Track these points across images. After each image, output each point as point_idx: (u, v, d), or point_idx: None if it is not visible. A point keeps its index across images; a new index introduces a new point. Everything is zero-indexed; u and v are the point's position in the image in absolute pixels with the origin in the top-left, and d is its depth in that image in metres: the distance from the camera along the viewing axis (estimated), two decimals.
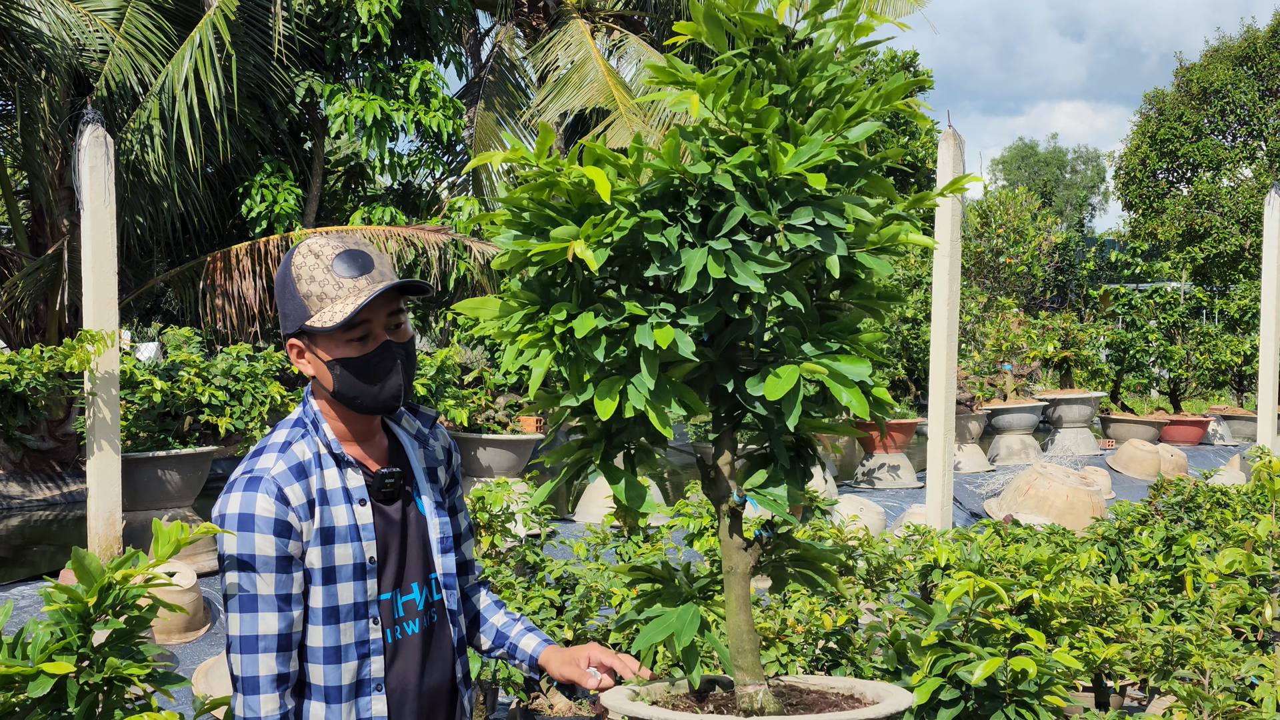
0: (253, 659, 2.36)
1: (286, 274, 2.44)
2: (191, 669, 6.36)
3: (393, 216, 14.33)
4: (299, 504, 2.38)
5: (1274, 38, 30.81)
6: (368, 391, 2.44)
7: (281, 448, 2.44)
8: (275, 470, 2.39)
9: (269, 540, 2.35)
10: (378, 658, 2.46)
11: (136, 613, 2.52)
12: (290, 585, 2.38)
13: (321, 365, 2.45)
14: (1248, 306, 17.33)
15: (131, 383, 7.65)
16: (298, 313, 2.42)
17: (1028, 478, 10.53)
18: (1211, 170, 31.14)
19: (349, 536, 2.43)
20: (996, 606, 3.81)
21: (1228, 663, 4.05)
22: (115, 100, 13.25)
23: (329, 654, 2.41)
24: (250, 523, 2.34)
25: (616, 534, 6.33)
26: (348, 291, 2.39)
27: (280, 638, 2.37)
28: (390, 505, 2.53)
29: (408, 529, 2.54)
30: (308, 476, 2.41)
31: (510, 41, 19.28)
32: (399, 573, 2.52)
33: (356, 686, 2.44)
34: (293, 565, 2.38)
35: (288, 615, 2.37)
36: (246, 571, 2.35)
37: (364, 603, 2.44)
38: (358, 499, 2.46)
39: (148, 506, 7.59)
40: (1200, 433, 15.43)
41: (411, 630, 2.53)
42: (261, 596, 2.35)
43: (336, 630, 2.42)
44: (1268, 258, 11.85)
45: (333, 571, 2.41)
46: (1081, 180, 59.51)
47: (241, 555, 2.35)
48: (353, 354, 2.42)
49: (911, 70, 26.05)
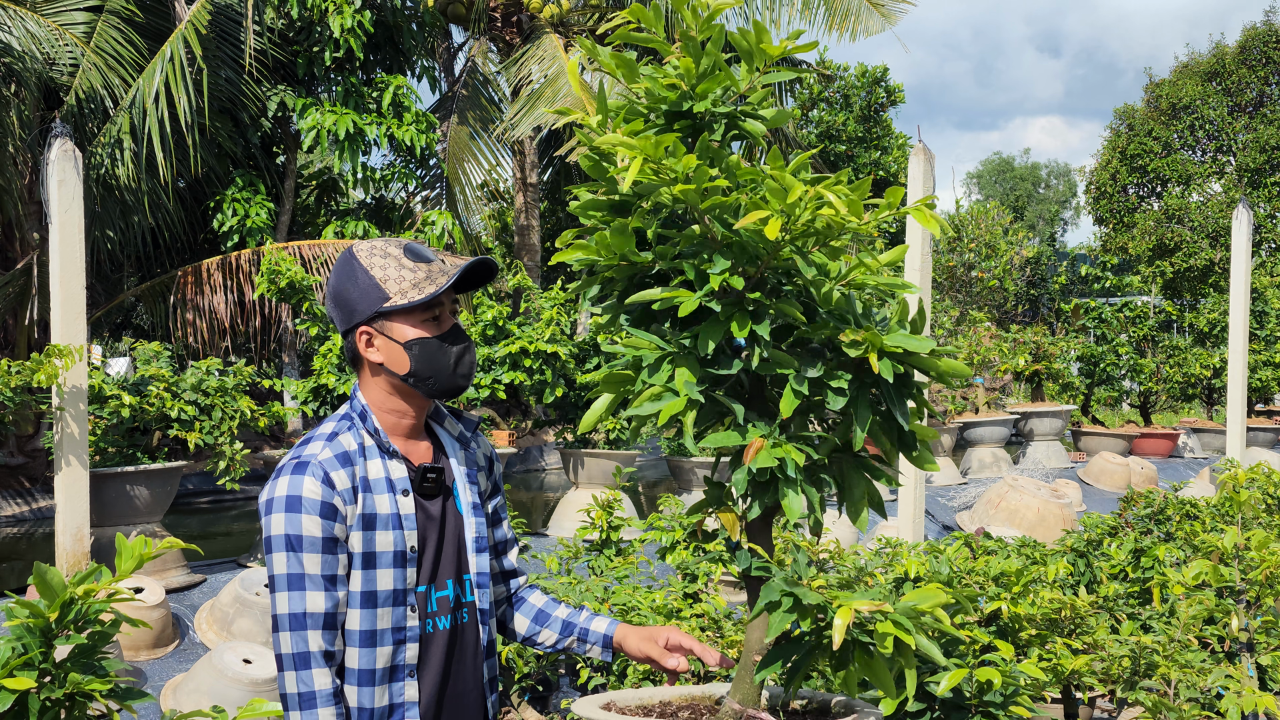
0: (302, 635, 2.40)
1: (351, 267, 2.53)
2: (160, 685, 6.31)
3: (365, 231, 14.30)
4: (344, 489, 2.44)
5: (1242, 54, 31.10)
6: (444, 370, 2.53)
7: (329, 437, 2.51)
8: (322, 456, 2.45)
9: (315, 521, 2.40)
10: (413, 645, 2.51)
11: (99, 628, 2.51)
12: (336, 566, 2.43)
13: (396, 347, 2.52)
14: (1217, 320, 17.44)
15: (100, 398, 7.60)
16: (371, 298, 2.51)
17: (999, 490, 10.56)
18: (1181, 185, 31.37)
19: (391, 524, 2.49)
20: (965, 618, 3.82)
21: (1194, 674, 4.07)
22: (85, 114, 13.21)
23: (365, 638, 2.46)
24: (298, 504, 2.40)
25: (589, 548, 6.32)
26: (423, 274, 2.49)
27: (327, 616, 2.41)
28: (431, 501, 2.58)
29: (445, 526, 2.60)
30: (353, 464, 2.48)
31: (483, 56, 19.29)
32: (434, 567, 2.56)
33: (390, 671, 2.48)
34: (338, 547, 2.43)
35: (333, 595, 2.42)
36: (294, 551, 2.40)
37: (403, 590, 2.49)
38: (401, 489, 2.52)
39: (116, 522, 7.53)
40: (1170, 445, 15.52)
41: (443, 625, 2.57)
42: (309, 576, 2.40)
43: (374, 615, 2.46)
44: (1235, 272, 11.94)
45: (373, 557, 2.46)
46: (1054, 195, 59.84)
47: (290, 535, 2.40)
48: (428, 334, 2.51)
49: (882, 85, 26.17)
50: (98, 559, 7.17)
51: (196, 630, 6.99)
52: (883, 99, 25.31)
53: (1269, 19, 31.35)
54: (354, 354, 2.58)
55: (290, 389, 8.77)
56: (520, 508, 11.92)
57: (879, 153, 27.31)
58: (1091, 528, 6.38)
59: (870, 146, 27.22)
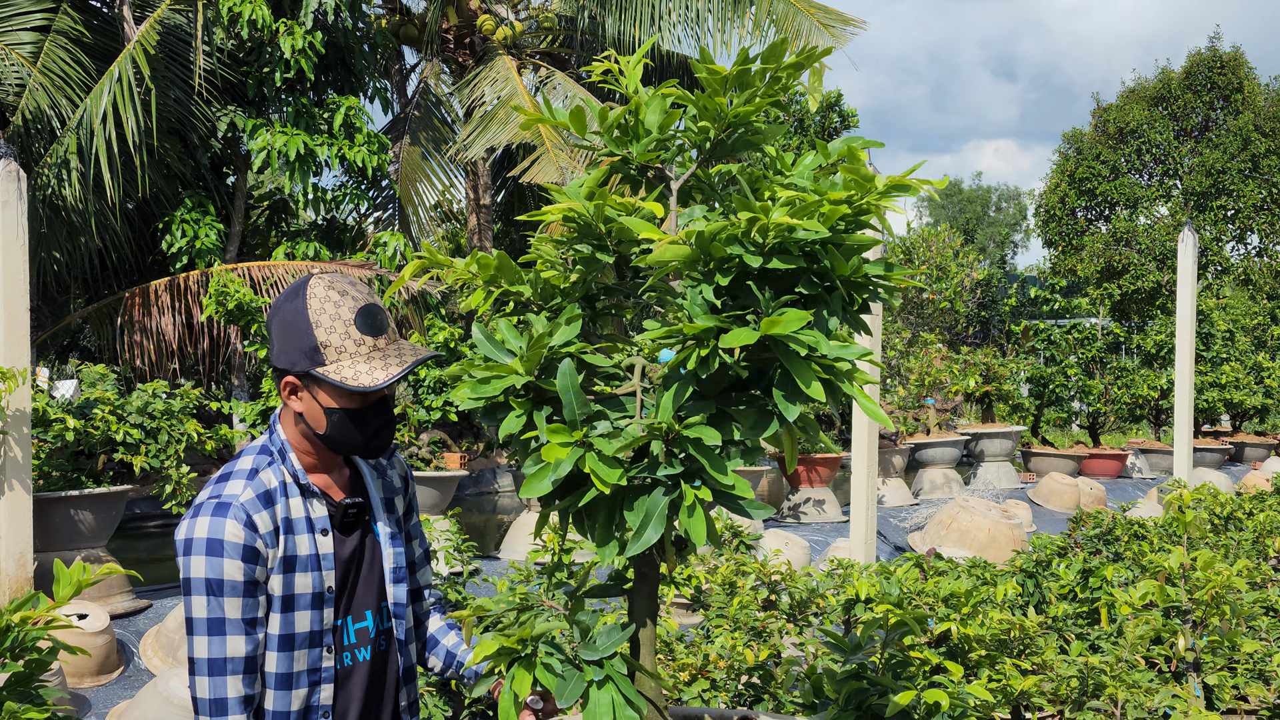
0: (221, 681, 2.37)
1: (300, 312, 2.44)
2: (104, 712, 6.22)
3: (316, 252, 14.21)
4: (266, 531, 2.41)
5: (1188, 79, 31.56)
6: (358, 440, 2.49)
7: (249, 474, 2.46)
8: (244, 498, 2.41)
9: (237, 565, 2.36)
10: (328, 686, 2.50)
11: (36, 655, 2.46)
12: (256, 609, 2.40)
13: (317, 409, 2.47)
14: (1164, 342, 17.64)
15: (44, 421, 7.49)
16: (306, 356, 2.43)
17: (950, 511, 10.61)
18: (1129, 208, 31.77)
19: (310, 566, 2.47)
20: (916, 639, 3.83)
21: (1141, 694, 4.10)
22: (32, 134, 13.07)
23: (281, 680, 2.44)
24: (219, 548, 2.35)
25: (540, 571, 6.29)
26: (370, 350, 2.43)
27: (247, 660, 2.39)
28: (349, 535, 2.57)
29: (363, 558, 2.59)
30: (274, 504, 2.45)
31: (436, 77, 19.26)
32: (352, 600, 2.56)
33: (304, 713, 2.48)
34: (258, 590, 2.40)
35: (254, 638, 2.40)
36: (215, 595, 2.36)
37: (320, 631, 2.48)
38: (320, 529, 2.50)
39: (60, 547, 7.42)
40: (1119, 466, 15.66)
41: (362, 657, 2.58)
42: (229, 620, 2.37)
43: (290, 658, 2.44)
44: (1182, 293, 12.08)
45: (291, 600, 2.44)
46: (1004, 218, 60.39)
47: (210, 579, 2.35)
48: (354, 406, 2.46)
49: (836, 110, 26.35)
50: (42, 585, 7.06)
51: (142, 656, 6.89)
52: (836, 123, 25.46)
53: (1214, 45, 31.83)
54: (278, 385, 2.54)
55: (239, 411, 8.69)
56: (473, 531, 11.85)
57: None
58: (1041, 548, 6.42)
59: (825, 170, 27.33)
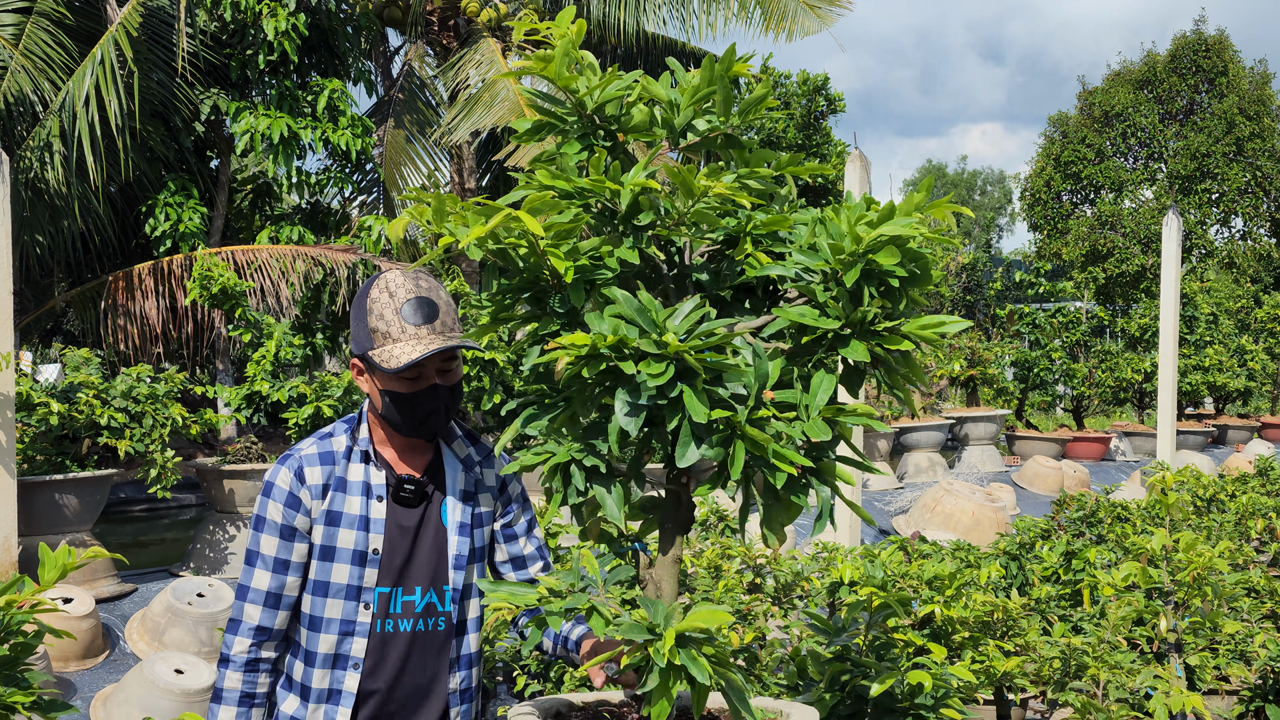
0: (240, 605, 2.69)
1: (362, 303, 2.69)
2: (90, 697, 6.22)
3: (300, 235, 14.16)
4: (314, 484, 2.70)
5: (1173, 62, 31.61)
6: (408, 424, 2.71)
7: (324, 436, 2.78)
8: (306, 451, 2.73)
9: (279, 509, 2.69)
10: (360, 639, 2.70)
11: (21, 639, 2.46)
12: (289, 553, 2.69)
13: (375, 390, 2.72)
14: (1148, 325, 17.70)
15: (28, 405, 7.46)
16: (363, 341, 2.68)
17: (935, 495, 10.65)
18: (1114, 192, 31.84)
19: (357, 525, 2.70)
20: (899, 621, 3.84)
21: (1123, 674, 4.12)
22: (14, 117, 12.99)
23: (313, 622, 2.70)
24: (270, 490, 2.71)
25: None
26: (410, 337, 2.63)
27: (269, 595, 2.68)
28: (409, 510, 2.75)
29: (422, 536, 2.75)
30: (334, 464, 2.73)
31: (420, 60, 19.19)
32: (401, 572, 2.72)
33: (334, 659, 2.69)
34: (295, 536, 2.69)
35: (280, 578, 2.69)
36: (258, 531, 2.70)
37: (358, 587, 2.69)
38: (376, 495, 2.73)
39: (45, 531, 7.40)
40: (1103, 449, 15.72)
41: (405, 628, 2.73)
42: (262, 554, 2.69)
43: (324, 603, 2.69)
44: (1166, 277, 12.12)
45: (331, 551, 2.69)
46: (989, 201, 60.49)
47: (259, 515, 2.70)
48: (402, 390, 2.67)
49: (823, 93, 26.32)
50: (26, 569, 7.04)
51: (128, 640, 6.89)
52: (823, 107, 25.45)
53: (1198, 28, 31.88)
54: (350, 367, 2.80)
55: (224, 396, 8.66)
56: None
57: (818, 160, 27.47)
58: (1024, 531, 6.44)
59: (810, 154, 27.37)
